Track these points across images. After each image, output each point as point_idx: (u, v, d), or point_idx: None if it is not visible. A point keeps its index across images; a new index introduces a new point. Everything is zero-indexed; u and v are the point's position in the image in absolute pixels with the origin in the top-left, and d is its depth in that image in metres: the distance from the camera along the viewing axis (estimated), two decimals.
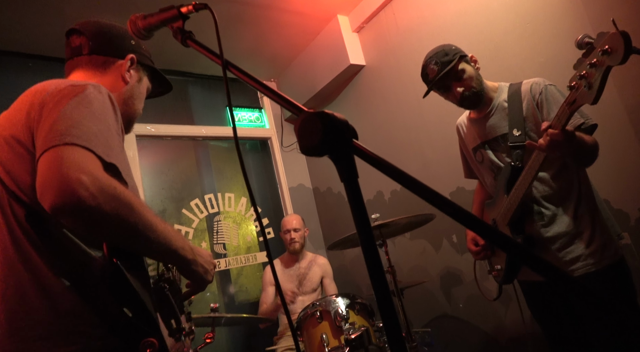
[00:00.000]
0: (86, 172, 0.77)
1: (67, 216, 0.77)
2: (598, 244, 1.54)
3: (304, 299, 3.05)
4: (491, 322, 2.68)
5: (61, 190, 0.75)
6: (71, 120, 0.84)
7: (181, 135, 3.77)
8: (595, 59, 1.20)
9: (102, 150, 0.84)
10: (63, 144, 0.80)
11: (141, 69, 1.24)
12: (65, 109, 0.86)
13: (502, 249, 0.49)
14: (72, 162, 0.78)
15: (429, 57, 1.75)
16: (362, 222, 0.52)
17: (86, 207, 0.75)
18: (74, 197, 0.75)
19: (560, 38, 2.22)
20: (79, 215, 0.76)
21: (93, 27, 1.18)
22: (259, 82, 0.69)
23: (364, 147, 0.53)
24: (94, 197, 0.76)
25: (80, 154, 0.80)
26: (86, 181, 0.76)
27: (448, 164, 2.82)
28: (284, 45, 3.78)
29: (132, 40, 1.21)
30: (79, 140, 0.81)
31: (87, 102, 0.90)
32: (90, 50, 1.14)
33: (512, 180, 1.62)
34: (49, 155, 0.79)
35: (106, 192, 0.78)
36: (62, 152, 0.79)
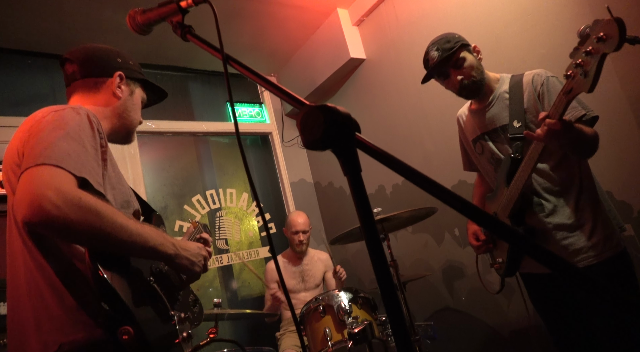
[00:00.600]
0: (51, 187, 0.88)
1: (36, 226, 0.88)
2: (600, 236, 1.53)
3: (306, 295, 3.06)
4: (494, 315, 2.68)
5: (29, 205, 0.87)
6: (46, 143, 0.96)
7: (182, 132, 3.76)
8: (591, 47, 1.19)
9: (73, 166, 0.95)
10: (35, 166, 0.92)
11: (131, 82, 1.34)
12: (42, 134, 0.99)
13: (505, 240, 0.49)
14: (40, 180, 0.89)
15: (431, 44, 1.75)
16: (365, 215, 0.52)
17: (52, 217, 0.86)
18: (39, 210, 0.86)
19: (562, 29, 2.21)
20: (47, 225, 0.87)
21: (80, 53, 1.29)
22: (260, 75, 0.69)
23: (367, 141, 0.53)
24: (59, 208, 0.87)
25: (50, 173, 0.91)
26: (51, 195, 0.87)
27: (449, 157, 2.81)
28: (284, 40, 3.76)
29: (118, 58, 1.32)
30: (50, 160, 0.93)
31: (64, 124, 1.02)
32: (82, 75, 1.26)
33: (511, 172, 1.61)
34: (23, 177, 0.92)
35: (70, 202, 0.89)
36: (33, 173, 0.91)
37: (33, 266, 1.00)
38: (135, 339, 0.94)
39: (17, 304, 1.03)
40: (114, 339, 0.96)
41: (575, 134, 1.39)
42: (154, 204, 3.39)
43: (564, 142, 1.40)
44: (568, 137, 1.37)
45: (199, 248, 1.21)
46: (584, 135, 1.44)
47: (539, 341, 2.30)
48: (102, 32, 3.02)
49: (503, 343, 2.63)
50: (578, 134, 1.41)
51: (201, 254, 1.21)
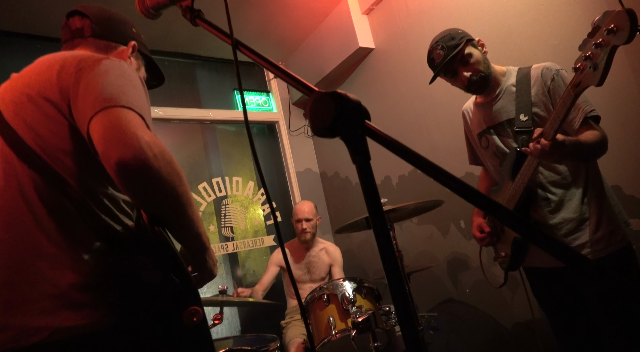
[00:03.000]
0: (148, 133, 0.80)
1: (131, 172, 0.77)
2: (605, 231, 1.52)
3: (312, 286, 3.06)
4: (497, 307, 2.68)
5: (130, 146, 0.76)
6: (119, 87, 0.86)
7: (189, 119, 3.76)
8: (601, 39, 1.16)
9: (148, 119, 0.87)
10: (120, 106, 0.81)
11: (140, 57, 1.24)
12: (110, 77, 0.87)
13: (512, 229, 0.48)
14: (136, 122, 0.80)
15: (435, 42, 1.72)
16: (373, 203, 0.51)
17: (149, 165, 0.77)
18: (142, 154, 0.77)
19: (574, 20, 2.17)
20: (142, 173, 0.77)
21: (97, 10, 1.16)
22: (270, 61, 0.68)
23: (377, 129, 0.52)
24: (157, 158, 0.79)
25: (137, 117, 0.82)
26: (150, 142, 0.79)
27: (456, 148, 2.79)
28: (292, 28, 3.73)
29: (133, 28, 1.21)
30: (133, 106, 0.83)
31: (129, 74, 0.92)
32: (93, 33, 1.12)
33: (517, 165, 1.60)
34: (107, 115, 0.80)
35: (165, 156, 0.81)
36: (121, 113, 0.81)
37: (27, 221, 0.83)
38: (204, 322, 0.82)
39: None
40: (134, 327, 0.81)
41: (570, 150, 1.39)
42: None
43: (559, 159, 1.42)
44: (560, 154, 1.38)
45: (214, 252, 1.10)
46: (581, 147, 1.43)
47: (541, 334, 2.30)
48: None
49: (506, 336, 2.64)
50: (574, 149, 1.40)
51: (216, 259, 1.09)
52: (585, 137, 1.45)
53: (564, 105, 1.32)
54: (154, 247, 0.84)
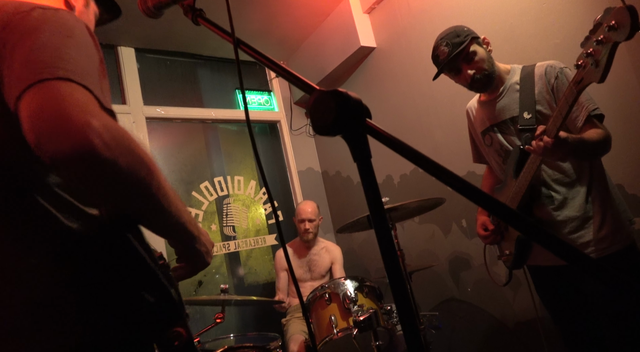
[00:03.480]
0: (96, 115, 0.61)
1: (75, 169, 0.60)
2: (609, 229, 1.52)
3: (313, 284, 3.07)
4: (499, 307, 2.68)
5: (69, 135, 0.59)
6: (56, 50, 0.66)
7: (190, 118, 3.77)
8: (602, 36, 1.17)
9: (97, 92, 0.67)
10: (55, 79, 0.62)
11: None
12: (43, 36, 0.67)
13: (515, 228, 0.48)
14: (75, 102, 0.61)
15: (440, 39, 1.72)
16: (375, 202, 0.51)
17: (99, 158, 0.60)
18: (86, 144, 0.59)
19: (577, 18, 2.16)
20: (91, 168, 0.60)
21: None
22: (272, 60, 0.68)
23: (378, 127, 0.52)
24: (109, 147, 0.60)
25: (81, 93, 0.63)
26: (98, 127, 0.60)
27: (458, 147, 2.79)
28: (294, 27, 3.73)
29: None
30: (74, 76, 0.64)
31: (68, 29, 0.71)
32: None
33: (520, 163, 1.60)
34: (39, 92, 0.61)
35: (122, 142, 0.63)
36: (58, 89, 0.62)
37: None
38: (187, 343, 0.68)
39: None
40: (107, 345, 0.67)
41: (573, 147, 1.39)
42: None
43: (562, 157, 1.41)
44: (563, 152, 1.38)
45: (208, 234, 0.94)
46: (585, 145, 1.43)
47: (544, 333, 2.30)
48: None
49: (507, 334, 2.64)
50: (577, 146, 1.40)
51: (212, 242, 0.96)
52: (588, 136, 1.45)
53: (566, 103, 1.32)
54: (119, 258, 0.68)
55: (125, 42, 3.45)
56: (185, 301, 1.03)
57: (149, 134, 3.45)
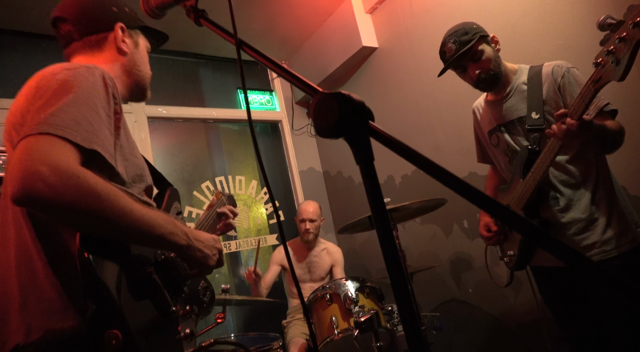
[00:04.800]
0: (47, 163, 0.77)
1: (24, 205, 0.79)
2: (615, 231, 1.51)
3: (312, 286, 3.06)
4: (500, 308, 2.68)
5: (19, 181, 0.76)
6: (53, 107, 0.84)
7: (192, 118, 3.77)
8: (625, 33, 1.15)
9: (82, 137, 0.84)
10: (37, 134, 0.80)
11: (133, 32, 1.20)
12: (49, 96, 0.87)
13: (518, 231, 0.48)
14: (36, 153, 0.78)
15: (448, 35, 1.71)
16: (377, 204, 0.51)
17: (43, 197, 0.76)
18: (30, 188, 0.75)
19: (580, 19, 2.16)
20: (36, 205, 0.77)
21: (72, 9, 1.14)
22: (274, 61, 0.68)
23: (380, 129, 0.52)
24: (51, 187, 0.76)
25: (50, 145, 0.80)
26: (44, 172, 0.76)
27: (460, 148, 2.79)
28: (296, 27, 3.73)
29: (113, 7, 1.17)
30: (54, 129, 0.81)
31: (75, 85, 0.89)
32: (80, 34, 1.12)
33: (528, 164, 1.59)
34: (19, 146, 0.80)
35: (66, 181, 0.77)
36: (30, 143, 0.79)
37: (29, 240, 0.90)
38: (124, 345, 0.81)
39: (3, 280, 0.91)
40: None
41: (596, 132, 1.37)
42: None
43: (584, 141, 1.38)
44: (587, 135, 1.35)
45: (214, 240, 1.08)
46: (607, 131, 1.42)
47: (545, 334, 2.29)
48: None
49: (509, 335, 2.63)
50: (599, 131, 1.38)
51: (216, 246, 1.08)
52: (609, 124, 1.45)
53: (583, 101, 1.30)
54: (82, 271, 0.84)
55: None
56: None
57: (150, 133, 3.46)
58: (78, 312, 0.85)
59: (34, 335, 0.84)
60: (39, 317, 0.85)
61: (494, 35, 1.73)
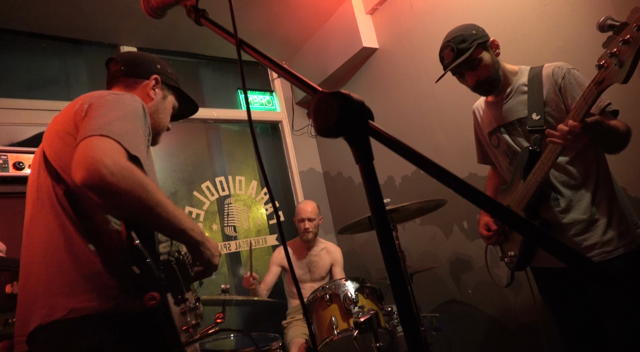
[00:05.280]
0: (109, 155, 0.96)
1: (90, 188, 0.94)
2: (615, 232, 1.51)
3: (313, 285, 3.06)
4: (500, 308, 2.68)
5: (87, 167, 0.93)
6: (107, 118, 1.05)
7: (192, 118, 3.76)
8: (629, 35, 1.14)
9: (128, 144, 1.02)
10: (97, 135, 1.00)
11: (166, 88, 1.45)
12: (104, 110, 1.08)
13: (519, 232, 0.48)
14: (100, 148, 0.97)
15: (447, 41, 1.70)
16: (377, 204, 0.51)
17: (106, 182, 0.93)
18: (96, 173, 0.92)
19: (580, 20, 2.16)
20: (100, 188, 0.93)
21: (126, 55, 1.42)
22: (274, 61, 0.68)
23: (380, 129, 0.52)
24: (113, 174, 0.94)
25: (109, 144, 0.99)
26: (107, 162, 0.94)
27: (460, 149, 2.79)
28: (296, 27, 3.73)
29: (157, 65, 1.45)
30: (111, 134, 1.01)
31: (123, 105, 1.12)
32: (123, 74, 1.38)
33: (529, 165, 1.59)
34: (84, 142, 0.99)
35: (123, 172, 0.96)
36: (94, 141, 0.99)
37: (56, 227, 1.06)
38: (161, 305, 0.99)
39: (30, 269, 1.08)
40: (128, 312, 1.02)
41: (602, 130, 1.37)
42: (164, 190, 3.42)
43: (586, 144, 1.38)
44: (589, 138, 1.35)
45: (217, 244, 1.26)
46: (612, 130, 1.42)
47: (545, 334, 2.29)
48: (116, 16, 3.02)
49: (508, 336, 2.63)
50: (606, 131, 1.38)
51: (219, 250, 1.26)
52: (617, 123, 1.45)
53: (585, 103, 1.30)
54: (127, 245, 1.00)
55: (128, 42, 3.46)
56: None
57: None
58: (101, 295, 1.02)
59: (58, 313, 0.99)
60: (63, 297, 1.01)
61: (494, 39, 1.72)
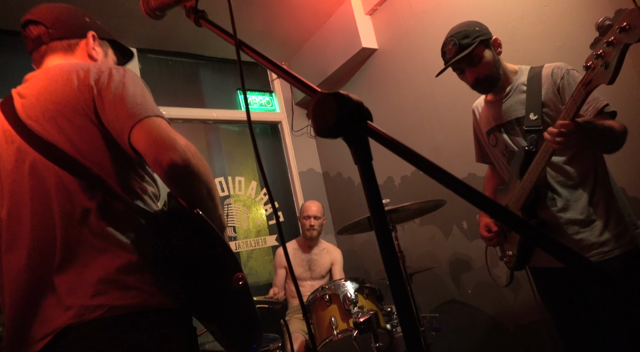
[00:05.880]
0: (179, 137, 0.96)
1: (179, 171, 0.92)
2: (612, 233, 1.51)
3: (313, 284, 3.09)
4: (500, 309, 2.68)
5: (175, 150, 0.92)
6: (141, 97, 1.00)
7: (192, 119, 3.77)
8: (613, 37, 1.16)
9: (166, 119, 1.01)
10: (154, 116, 0.96)
11: (103, 43, 1.26)
12: (128, 87, 1.00)
13: (517, 232, 0.48)
14: (166, 129, 0.96)
15: (450, 36, 1.70)
16: (376, 205, 0.52)
17: (192, 164, 0.94)
18: (185, 156, 0.93)
19: (579, 21, 2.16)
20: (188, 170, 0.93)
21: (46, 13, 1.18)
22: (273, 62, 0.68)
23: (379, 129, 0.53)
24: (195, 157, 0.96)
25: (164, 123, 0.98)
26: (186, 144, 0.96)
27: (459, 149, 2.79)
28: (296, 28, 3.73)
29: (86, 17, 1.23)
30: (156, 112, 0.98)
31: (137, 80, 1.05)
32: (52, 37, 1.16)
33: (525, 164, 1.59)
34: (145, 125, 0.95)
35: (198, 154, 0.99)
36: (156, 122, 0.96)
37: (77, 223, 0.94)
38: (247, 285, 1.00)
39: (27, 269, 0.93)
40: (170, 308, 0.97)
41: (596, 129, 1.37)
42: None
43: (577, 144, 1.38)
44: (580, 137, 1.35)
45: None
46: (605, 128, 1.41)
47: (544, 334, 2.29)
48: (116, 17, 3.02)
49: (508, 336, 2.63)
50: (600, 129, 1.38)
51: None
52: (612, 123, 1.44)
53: (574, 104, 1.31)
54: (192, 225, 0.97)
55: (128, 43, 3.46)
56: None
57: None
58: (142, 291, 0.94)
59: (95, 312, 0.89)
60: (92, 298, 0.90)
61: (497, 37, 1.72)
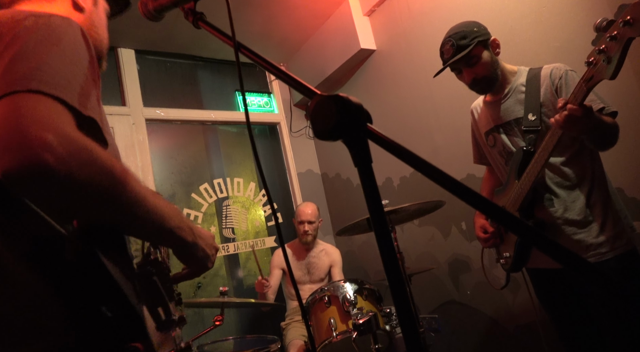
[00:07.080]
0: (53, 129, 0.59)
1: (26, 185, 0.58)
2: (610, 234, 1.52)
3: (312, 287, 3.07)
4: (499, 309, 2.68)
5: (19, 152, 0.57)
6: (36, 60, 0.65)
7: (190, 120, 3.77)
8: (616, 31, 1.16)
9: (77, 100, 0.65)
10: (25, 91, 0.61)
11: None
12: (27, 45, 0.66)
13: (514, 232, 0.48)
14: (35, 116, 0.59)
15: (448, 36, 1.71)
16: (375, 206, 0.51)
17: (52, 174, 0.57)
18: (35, 161, 0.57)
19: (577, 22, 2.17)
20: (43, 184, 0.58)
21: None
22: (272, 64, 0.68)
23: (378, 132, 0.53)
24: (64, 161, 0.58)
25: (47, 106, 0.62)
26: (52, 141, 0.58)
27: (458, 150, 2.79)
28: (294, 29, 3.74)
29: None
30: (47, 87, 0.63)
31: (56, 37, 0.70)
32: None
33: (523, 165, 1.60)
34: (3, 106, 0.60)
35: (79, 155, 0.60)
36: (21, 102, 0.60)
37: None
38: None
39: None
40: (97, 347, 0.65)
41: (595, 122, 1.37)
42: (162, 192, 3.42)
43: (583, 129, 1.38)
44: (587, 123, 1.35)
45: (212, 237, 0.93)
46: (604, 123, 1.42)
47: (544, 336, 2.30)
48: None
49: (507, 337, 2.63)
50: (598, 122, 1.39)
51: (214, 246, 0.93)
52: (605, 118, 1.45)
53: (575, 100, 1.31)
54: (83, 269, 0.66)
55: (126, 44, 3.46)
56: (185, 303, 1.01)
57: (148, 135, 3.45)
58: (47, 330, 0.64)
59: None
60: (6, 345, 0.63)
61: (495, 38, 1.73)
